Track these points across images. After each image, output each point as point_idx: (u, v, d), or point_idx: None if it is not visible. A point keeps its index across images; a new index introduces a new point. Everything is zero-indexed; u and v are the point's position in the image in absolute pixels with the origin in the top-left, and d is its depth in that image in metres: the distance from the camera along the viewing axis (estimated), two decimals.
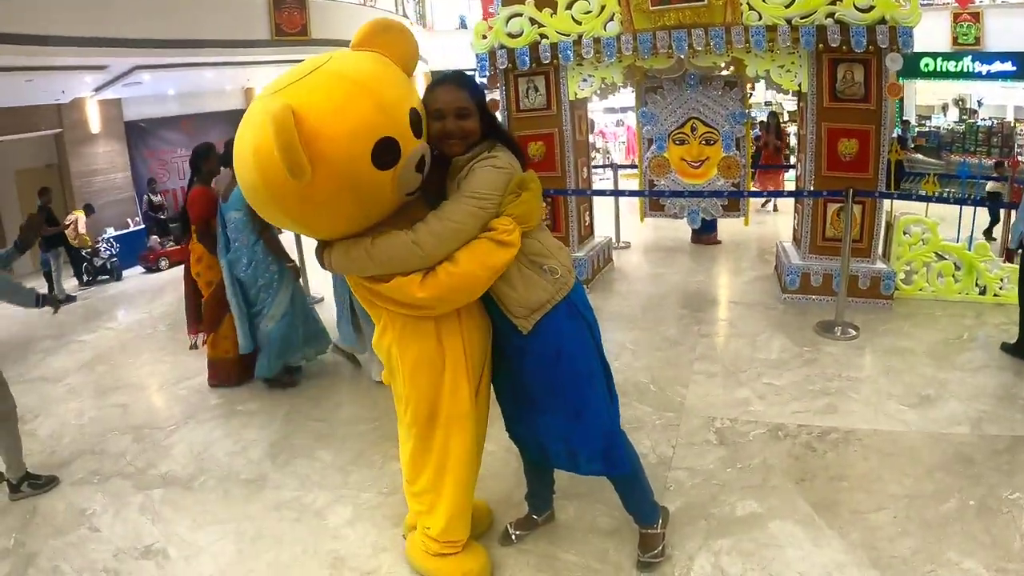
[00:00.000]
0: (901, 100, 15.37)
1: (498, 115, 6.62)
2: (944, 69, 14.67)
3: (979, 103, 16.06)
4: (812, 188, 5.69)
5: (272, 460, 3.90)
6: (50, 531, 3.39)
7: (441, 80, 2.39)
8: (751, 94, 7.49)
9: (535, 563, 2.87)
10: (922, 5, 14.88)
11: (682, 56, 5.70)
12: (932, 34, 14.19)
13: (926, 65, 14.68)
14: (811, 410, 4.01)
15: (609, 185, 9.45)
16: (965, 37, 14.32)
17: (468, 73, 2.94)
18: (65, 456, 4.18)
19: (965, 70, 14.54)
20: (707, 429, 3.88)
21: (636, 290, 6.80)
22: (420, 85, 14.62)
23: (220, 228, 4.77)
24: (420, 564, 2.80)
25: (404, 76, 2.30)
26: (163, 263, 10.88)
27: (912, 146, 12.50)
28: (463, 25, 17.09)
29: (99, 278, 10.38)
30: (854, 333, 5.09)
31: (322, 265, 2.39)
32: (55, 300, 3.89)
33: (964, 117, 14.81)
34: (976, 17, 14.21)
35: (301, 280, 5.21)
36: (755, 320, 5.63)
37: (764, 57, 5.57)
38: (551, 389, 2.54)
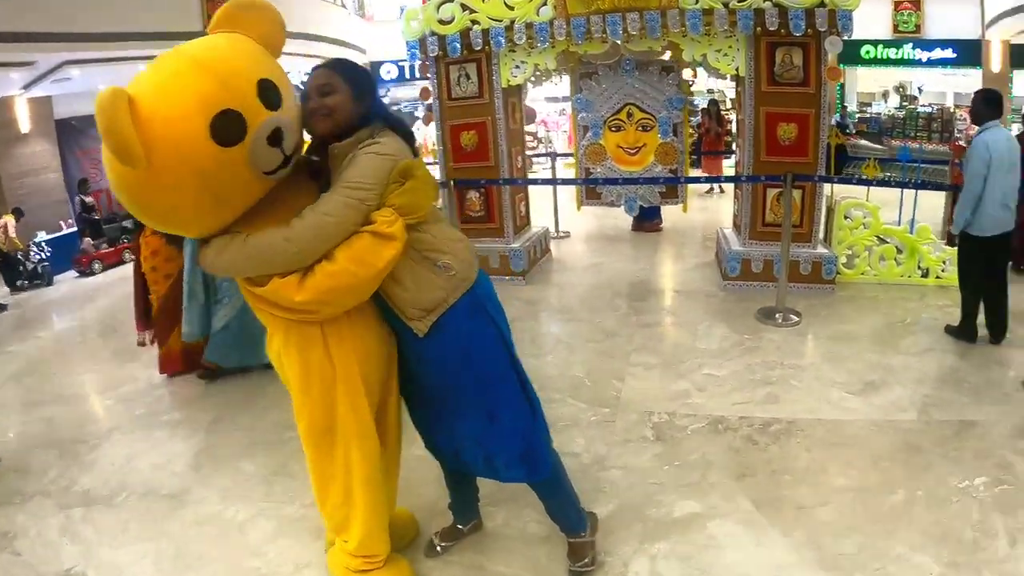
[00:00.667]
0: (842, 86, 15.54)
1: (428, 103, 6.41)
2: (885, 56, 14.79)
3: (919, 90, 16.25)
4: (751, 173, 5.58)
5: (196, 472, 3.69)
6: None
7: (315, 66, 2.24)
8: (692, 81, 7.40)
9: (461, 575, 2.69)
10: None
11: (617, 41, 5.53)
12: (873, 21, 14.27)
13: (867, 52, 14.78)
14: (752, 401, 3.87)
15: (551, 174, 9.28)
16: (906, 25, 14.44)
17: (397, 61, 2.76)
18: None
19: (905, 57, 14.69)
20: (644, 425, 3.70)
21: (573, 281, 6.63)
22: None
23: None
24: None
25: (257, 49, 2.10)
26: (96, 266, 10.34)
27: (854, 131, 12.61)
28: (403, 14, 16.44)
29: (33, 282, 9.88)
30: (796, 319, 4.99)
31: (201, 265, 2.16)
32: None
33: (905, 104, 14.97)
34: (916, 4, 14.35)
35: None
36: (696, 309, 5.49)
37: (701, 41, 5.44)
38: (460, 393, 2.36)
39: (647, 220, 8.19)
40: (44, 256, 10.12)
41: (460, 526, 2.85)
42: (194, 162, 1.88)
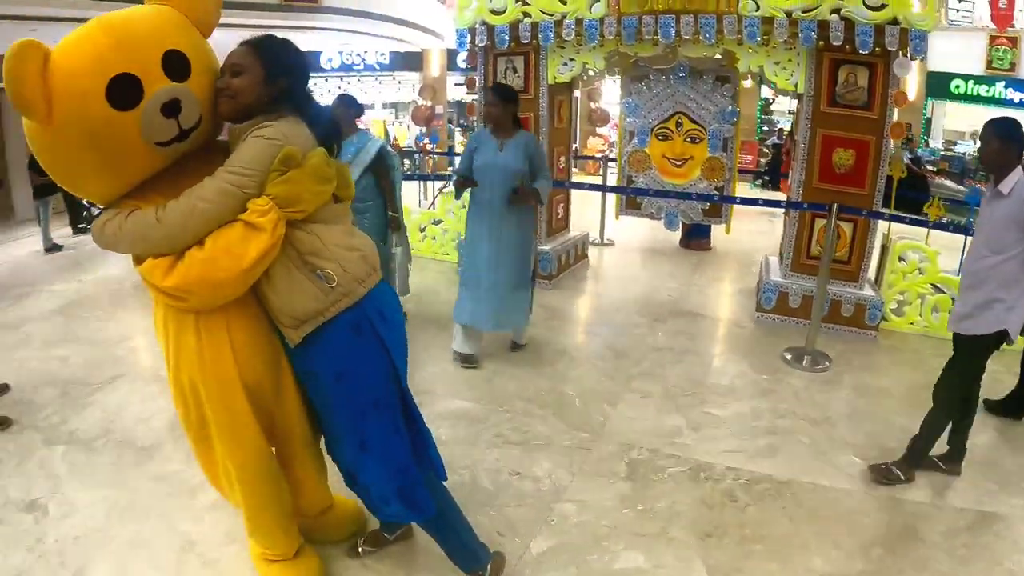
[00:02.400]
0: (928, 121, 14.58)
1: (472, 94, 6.21)
2: (975, 93, 13.68)
3: None
4: (799, 199, 5.14)
5: (171, 431, 3.71)
6: None
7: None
8: (772, 100, 6.95)
9: None
10: (958, 24, 14.21)
11: (668, 43, 5.17)
12: (966, 55, 13.43)
13: (956, 87, 13.74)
14: (747, 451, 3.48)
15: (602, 180, 8.94)
16: (1000, 62, 13.34)
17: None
18: None
19: (997, 96, 13.54)
20: (619, 459, 3.38)
21: (600, 291, 6.32)
22: (435, 62, 14.26)
23: None
24: (255, 563, 2.57)
25: (179, 22, 2.02)
26: None
27: (933, 169, 11.78)
28: None
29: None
30: (825, 365, 4.54)
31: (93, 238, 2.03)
32: None
33: None
34: (1013, 42, 13.23)
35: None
36: (718, 339, 5.10)
37: (758, 52, 5.02)
38: (332, 414, 2.17)
39: (696, 238, 7.78)
40: None
41: (385, 534, 2.68)
42: (87, 121, 1.83)
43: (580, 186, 7.02)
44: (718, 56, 5.45)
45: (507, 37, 5.64)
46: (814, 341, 4.63)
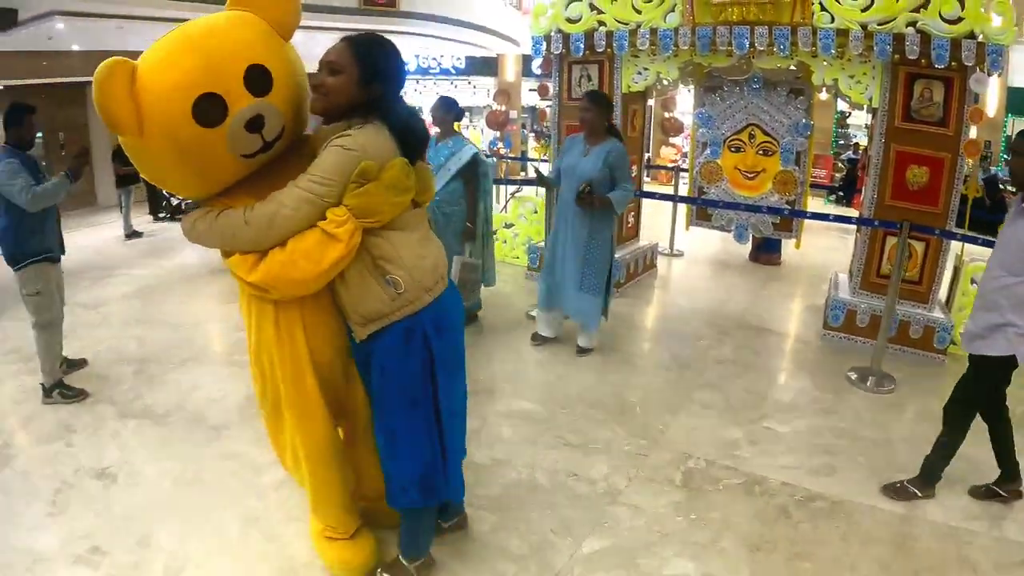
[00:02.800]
0: (1008, 138, 13.94)
1: (548, 102, 6.29)
2: None
3: None
4: (871, 216, 5.06)
5: (240, 413, 3.96)
6: (34, 439, 3.75)
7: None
8: (849, 113, 6.83)
9: None
10: None
11: (742, 54, 5.16)
12: None
13: None
14: (804, 467, 3.48)
15: (673, 189, 8.91)
16: None
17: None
18: (73, 377, 4.41)
19: None
20: (675, 467, 3.43)
21: (666, 301, 6.34)
22: (511, 67, 14.41)
23: None
24: (312, 539, 2.74)
25: (261, 31, 2.12)
26: None
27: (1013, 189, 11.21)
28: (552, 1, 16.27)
29: (176, 216, 10.81)
30: (890, 387, 4.46)
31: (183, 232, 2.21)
32: (76, 165, 4.06)
33: None
34: None
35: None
36: (783, 354, 5.07)
37: (833, 64, 4.97)
38: (373, 401, 2.35)
39: (765, 252, 7.69)
40: None
41: (440, 521, 2.76)
42: (176, 138, 1.97)
43: (651, 195, 7.02)
44: (792, 68, 5.40)
45: (582, 45, 5.70)
46: (880, 362, 4.55)
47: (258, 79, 2.02)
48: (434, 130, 4.86)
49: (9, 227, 3.99)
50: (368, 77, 2.08)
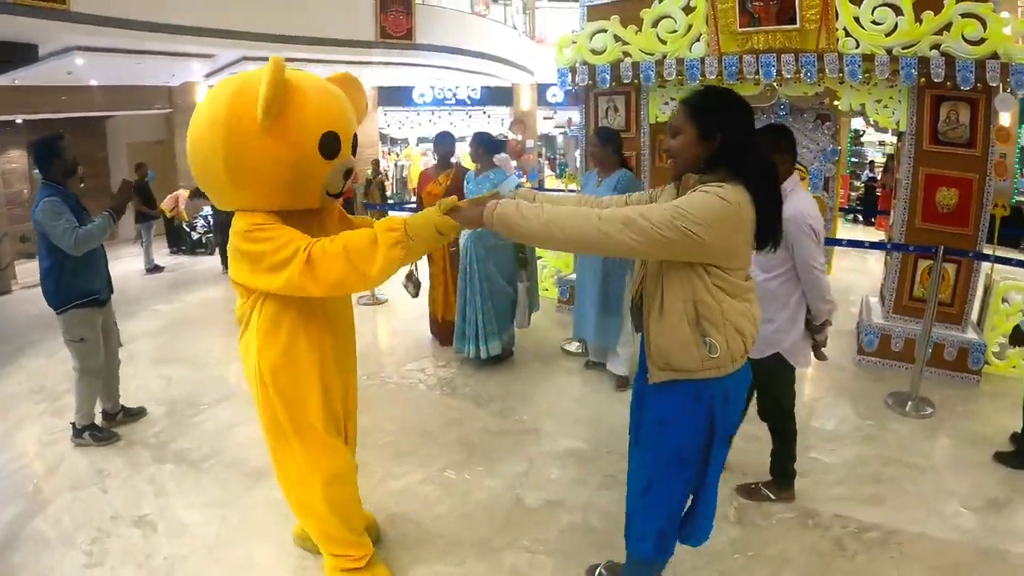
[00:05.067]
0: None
1: (570, 132, 6.33)
2: None
3: None
4: (903, 240, 5.06)
5: None
6: (67, 483, 3.69)
7: None
8: (863, 131, 6.87)
9: None
10: None
11: (769, 82, 5.20)
12: None
13: None
14: (855, 498, 3.47)
15: None
16: None
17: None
18: (102, 418, 4.34)
19: None
20: (728, 503, 3.41)
21: None
22: (526, 96, 14.60)
23: None
24: None
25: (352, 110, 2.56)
26: None
27: None
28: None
29: (195, 251, 10.95)
30: (929, 411, 4.45)
31: (477, 225, 2.13)
32: (118, 203, 4.01)
33: None
34: None
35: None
36: (820, 382, 5.05)
37: (860, 89, 5.01)
38: (640, 447, 2.32)
39: None
40: (209, 226, 11.13)
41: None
42: (299, 150, 2.26)
43: None
44: (818, 94, 5.44)
45: (608, 77, 5.74)
46: (918, 386, 4.55)
47: (354, 144, 2.48)
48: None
49: (52, 268, 3.86)
50: (709, 132, 2.06)
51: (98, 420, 4.24)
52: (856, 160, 15.22)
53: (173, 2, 8.63)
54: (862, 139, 15.68)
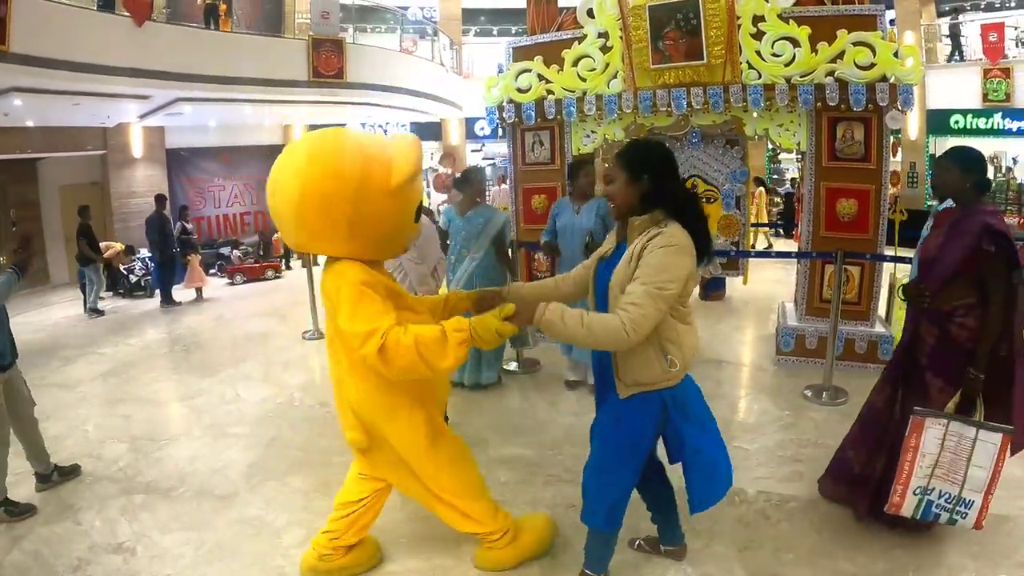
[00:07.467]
0: (932, 157, 15.09)
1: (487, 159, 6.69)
2: (975, 126, 14.26)
3: (1014, 161, 15.39)
4: (809, 249, 5.61)
5: (247, 480, 4.12)
6: (39, 520, 3.74)
7: None
8: (780, 150, 7.46)
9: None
10: (952, 61, 14.71)
11: (681, 113, 5.71)
12: (962, 90, 14.05)
13: (956, 122, 14.34)
14: (776, 476, 3.89)
15: None
16: (995, 93, 13.92)
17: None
18: (64, 457, 4.41)
19: (995, 127, 14.14)
20: None
21: None
22: (455, 130, 14.96)
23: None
24: (485, 567, 3.15)
25: None
26: (238, 278, 12.00)
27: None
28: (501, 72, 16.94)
29: (133, 293, 10.99)
30: (843, 399, 4.94)
31: (523, 322, 2.46)
32: (21, 259, 3.86)
33: (999, 176, 14.27)
34: (1006, 73, 13.84)
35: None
36: (742, 381, 5.51)
37: (763, 116, 5.56)
38: (597, 439, 2.73)
39: (713, 290, 8.30)
40: (148, 269, 11.18)
41: (662, 545, 3.17)
42: (408, 212, 2.74)
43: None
44: (726, 121, 5.97)
45: (533, 113, 6.18)
46: (831, 378, 5.04)
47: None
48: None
49: None
50: (635, 174, 2.49)
51: (33, 486, 4.04)
52: (776, 177, 16.09)
53: (111, 44, 8.62)
54: (779, 157, 16.61)
